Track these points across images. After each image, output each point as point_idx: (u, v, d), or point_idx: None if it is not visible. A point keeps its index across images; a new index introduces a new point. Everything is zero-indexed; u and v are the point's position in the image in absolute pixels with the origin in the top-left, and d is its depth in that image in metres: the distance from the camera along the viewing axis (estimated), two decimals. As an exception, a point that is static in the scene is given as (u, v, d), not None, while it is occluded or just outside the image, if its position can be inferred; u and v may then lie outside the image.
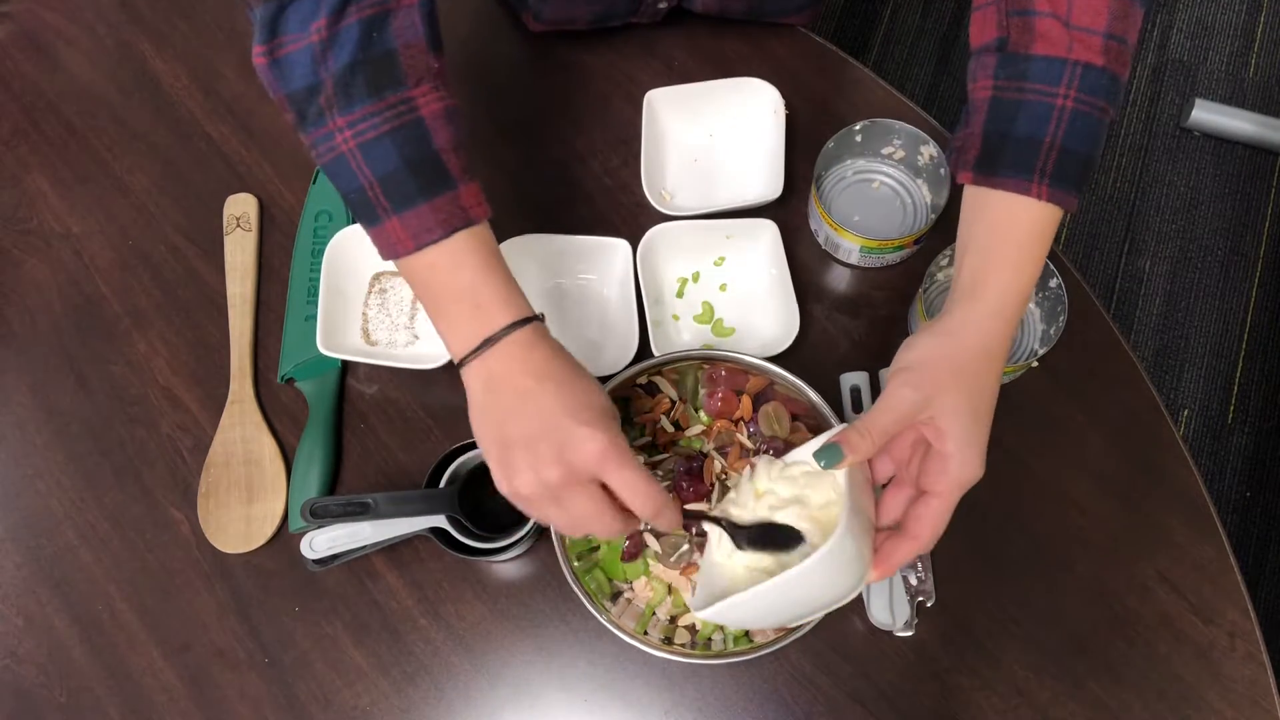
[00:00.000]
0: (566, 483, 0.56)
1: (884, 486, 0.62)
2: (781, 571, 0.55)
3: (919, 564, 0.76)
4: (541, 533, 0.74)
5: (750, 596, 0.55)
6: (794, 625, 0.62)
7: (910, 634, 0.74)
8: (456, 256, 0.61)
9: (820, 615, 0.60)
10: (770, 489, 0.63)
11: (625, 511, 0.59)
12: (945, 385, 0.57)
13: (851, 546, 0.55)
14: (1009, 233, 0.60)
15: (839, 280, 0.87)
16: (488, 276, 0.61)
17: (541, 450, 0.56)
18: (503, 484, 0.59)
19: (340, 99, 0.59)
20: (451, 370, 0.83)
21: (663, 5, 0.92)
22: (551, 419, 0.57)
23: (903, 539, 0.58)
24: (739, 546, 0.61)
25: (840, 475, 0.59)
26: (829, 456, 0.58)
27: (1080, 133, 0.59)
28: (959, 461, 0.56)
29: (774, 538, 0.60)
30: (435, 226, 0.60)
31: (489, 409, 0.60)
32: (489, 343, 0.59)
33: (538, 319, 0.61)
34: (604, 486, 0.58)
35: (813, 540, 0.59)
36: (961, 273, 0.61)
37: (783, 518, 0.61)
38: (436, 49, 0.63)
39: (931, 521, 0.57)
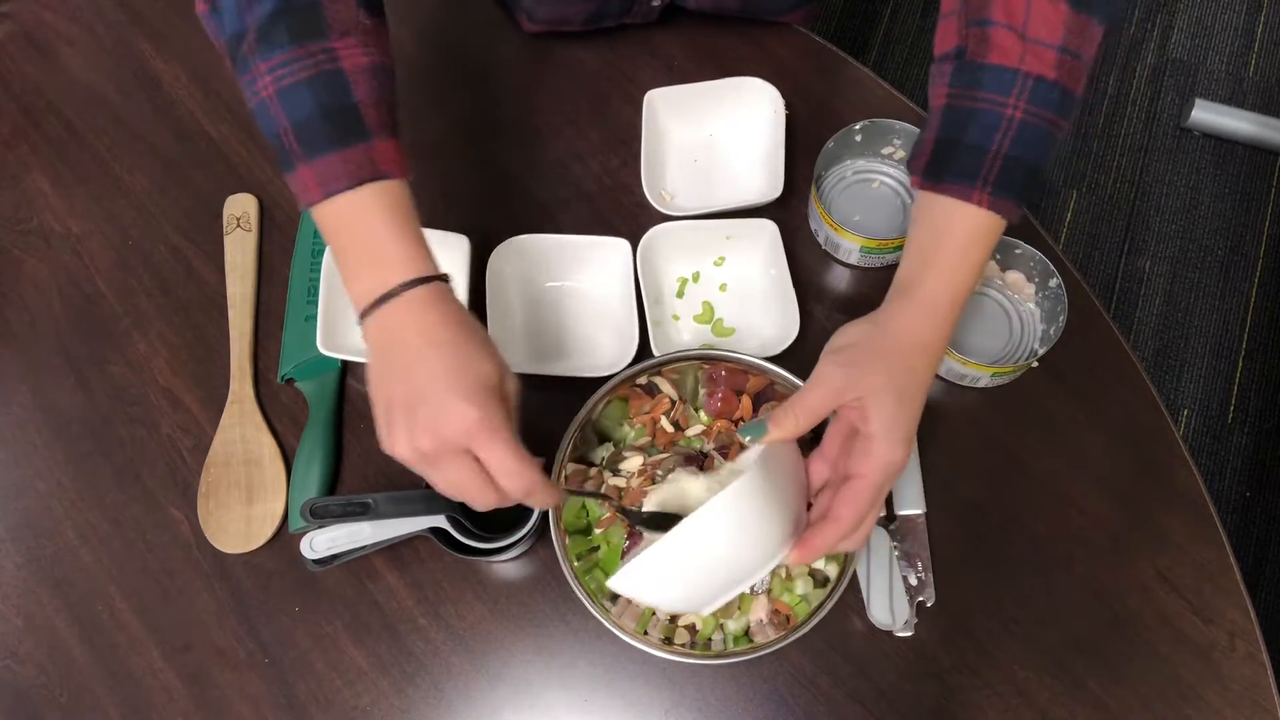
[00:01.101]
0: (440, 452, 0.56)
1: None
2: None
3: (919, 564, 0.76)
4: (542, 533, 0.74)
5: (650, 555, 0.55)
6: (710, 605, 0.59)
7: (910, 634, 0.74)
8: (363, 209, 0.60)
9: (736, 591, 0.58)
10: (693, 483, 0.64)
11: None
12: (871, 367, 0.58)
13: (758, 497, 0.55)
14: (947, 237, 0.61)
15: (839, 280, 0.87)
16: (391, 232, 0.60)
17: (418, 417, 0.56)
18: (383, 443, 0.58)
19: (262, 45, 0.60)
20: (451, 370, 0.83)
21: (655, 3, 0.92)
22: (430, 387, 0.56)
23: (825, 521, 0.58)
24: (632, 527, 0.63)
25: (754, 454, 0.60)
26: (754, 431, 0.59)
27: (1027, 143, 0.60)
28: (882, 442, 0.57)
29: (669, 524, 0.59)
30: (343, 175, 0.60)
31: (378, 366, 0.60)
32: (385, 299, 0.59)
33: (440, 279, 0.61)
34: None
35: None
36: (899, 272, 0.62)
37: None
38: (370, 8, 0.64)
39: (853, 502, 0.57)
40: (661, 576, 0.57)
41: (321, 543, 0.73)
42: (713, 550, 0.56)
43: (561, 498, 0.62)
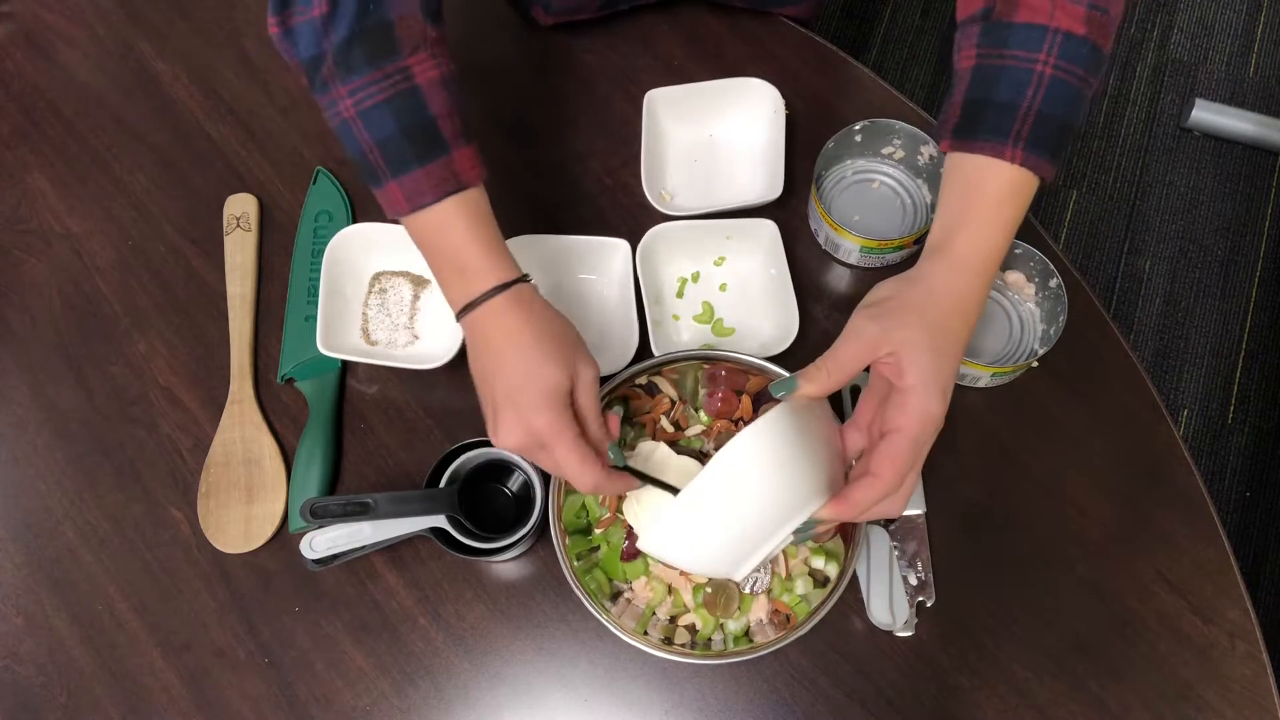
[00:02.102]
0: (526, 448, 0.63)
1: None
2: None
3: (919, 564, 0.76)
4: (542, 533, 0.74)
5: (679, 504, 0.54)
6: (744, 563, 0.58)
7: (910, 634, 0.74)
8: (447, 220, 0.65)
9: (770, 546, 0.57)
10: None
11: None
12: (905, 320, 0.57)
13: (782, 443, 0.54)
14: (980, 194, 0.61)
15: (839, 280, 0.87)
16: (473, 241, 0.65)
17: (502, 420, 0.63)
18: (489, 434, 0.65)
19: (340, 70, 0.64)
20: (451, 370, 0.83)
21: None
22: (508, 394, 0.62)
23: (863, 477, 0.57)
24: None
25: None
26: (785, 386, 0.58)
27: (1058, 99, 0.60)
28: (918, 394, 0.55)
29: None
30: (428, 190, 0.64)
31: (476, 365, 0.66)
32: (471, 306, 0.64)
33: (520, 281, 0.65)
34: None
35: None
36: (932, 233, 0.62)
37: None
38: (433, 19, 0.67)
39: (892, 457, 0.56)
40: (692, 525, 0.56)
41: (321, 543, 0.72)
42: (743, 490, 0.54)
43: (629, 485, 0.65)
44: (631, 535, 0.71)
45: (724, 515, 0.56)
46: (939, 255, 0.60)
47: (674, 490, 0.66)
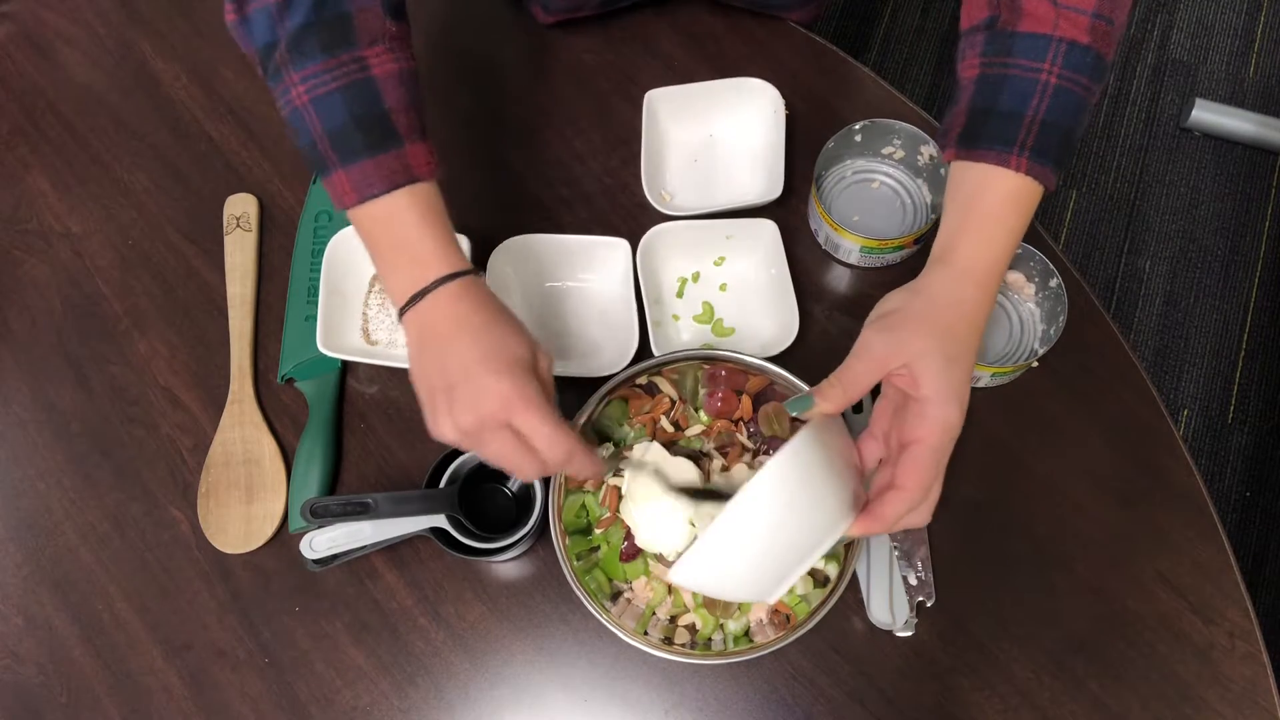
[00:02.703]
0: (481, 427, 0.59)
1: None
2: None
3: (919, 564, 0.76)
4: (542, 533, 0.74)
5: (709, 536, 0.53)
6: (773, 591, 0.58)
7: (910, 634, 0.74)
8: (398, 212, 0.63)
9: (800, 570, 0.56)
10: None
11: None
12: (916, 331, 0.57)
13: (811, 466, 0.53)
14: (984, 203, 0.61)
15: (839, 280, 0.87)
16: (425, 232, 0.63)
17: (457, 397, 0.59)
18: (430, 427, 0.61)
19: (294, 56, 0.63)
20: (451, 370, 0.83)
21: None
22: (466, 369, 0.59)
23: (889, 490, 0.57)
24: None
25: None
26: (799, 405, 0.58)
27: (1063, 108, 0.60)
28: (936, 404, 0.56)
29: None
30: (377, 181, 0.63)
31: (419, 358, 0.63)
32: (421, 295, 0.62)
33: (471, 273, 0.64)
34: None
35: None
36: (936, 242, 0.62)
37: None
38: (395, 15, 0.66)
39: (917, 470, 0.56)
40: (722, 558, 0.55)
41: (321, 543, 0.72)
42: (772, 521, 0.54)
43: (604, 468, 0.63)
44: (630, 535, 0.71)
45: (757, 546, 0.55)
46: (943, 265, 0.60)
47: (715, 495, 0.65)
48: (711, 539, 0.54)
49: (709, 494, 0.71)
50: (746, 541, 0.54)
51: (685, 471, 0.71)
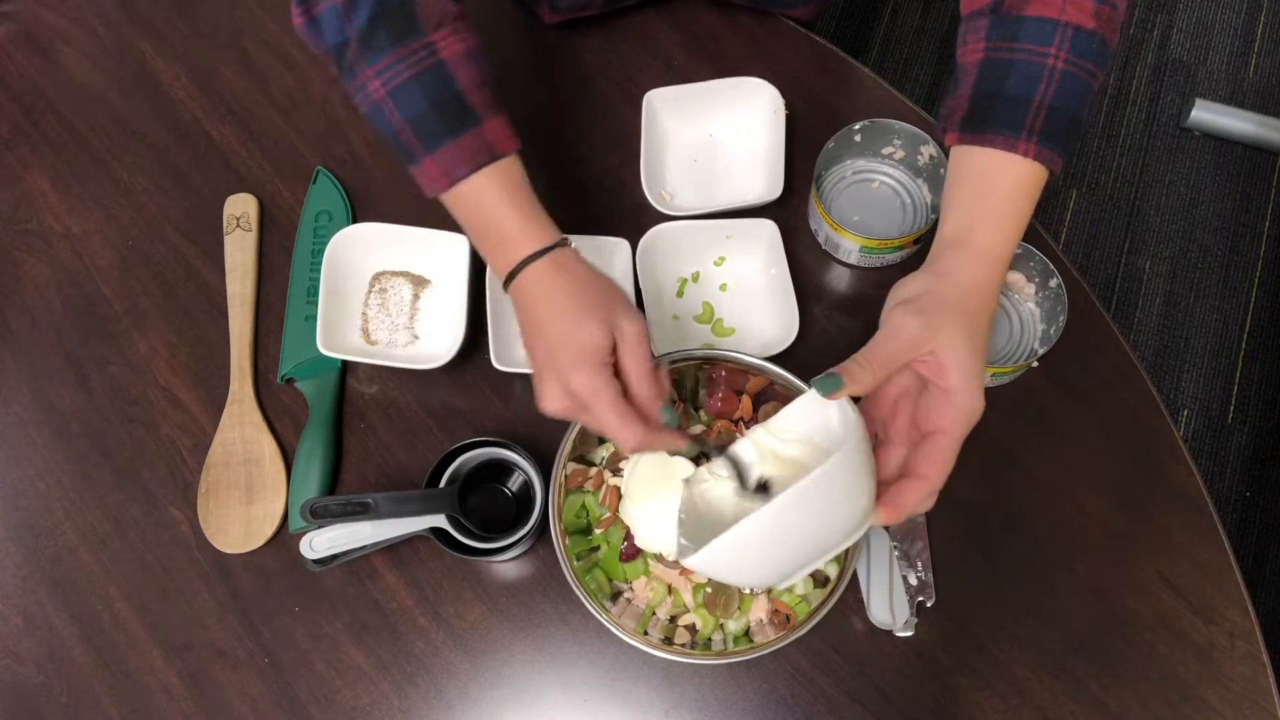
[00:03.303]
0: (567, 414, 0.62)
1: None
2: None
3: (919, 564, 0.76)
4: (542, 533, 0.74)
5: (744, 530, 0.52)
6: (788, 579, 0.58)
7: (910, 634, 0.74)
8: (482, 193, 0.66)
9: (819, 563, 0.56)
10: (772, 452, 0.63)
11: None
12: (945, 318, 0.57)
13: (852, 470, 0.53)
14: (995, 189, 0.61)
15: (839, 280, 0.87)
16: (510, 211, 0.65)
17: (543, 383, 0.63)
18: (537, 401, 0.64)
19: (366, 52, 0.65)
20: (451, 370, 0.83)
21: None
22: (547, 355, 0.62)
23: (910, 479, 0.57)
24: (743, 485, 0.61)
25: (837, 423, 0.58)
26: (827, 385, 0.57)
27: (1069, 93, 0.60)
28: (963, 394, 0.56)
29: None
30: (462, 163, 0.65)
31: (523, 335, 0.67)
32: (513, 275, 0.65)
33: (559, 246, 0.65)
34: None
35: None
36: (945, 228, 0.62)
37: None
38: None
39: (940, 459, 0.56)
40: (751, 551, 0.55)
41: (321, 543, 0.72)
42: (806, 523, 0.54)
43: (676, 442, 0.63)
44: (630, 535, 0.71)
45: (787, 542, 0.55)
46: (961, 250, 0.60)
47: (707, 456, 0.66)
48: (741, 533, 0.53)
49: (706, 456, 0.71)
50: (777, 538, 0.54)
51: (683, 471, 0.71)
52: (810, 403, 0.60)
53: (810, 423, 0.62)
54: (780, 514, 0.52)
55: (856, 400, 0.59)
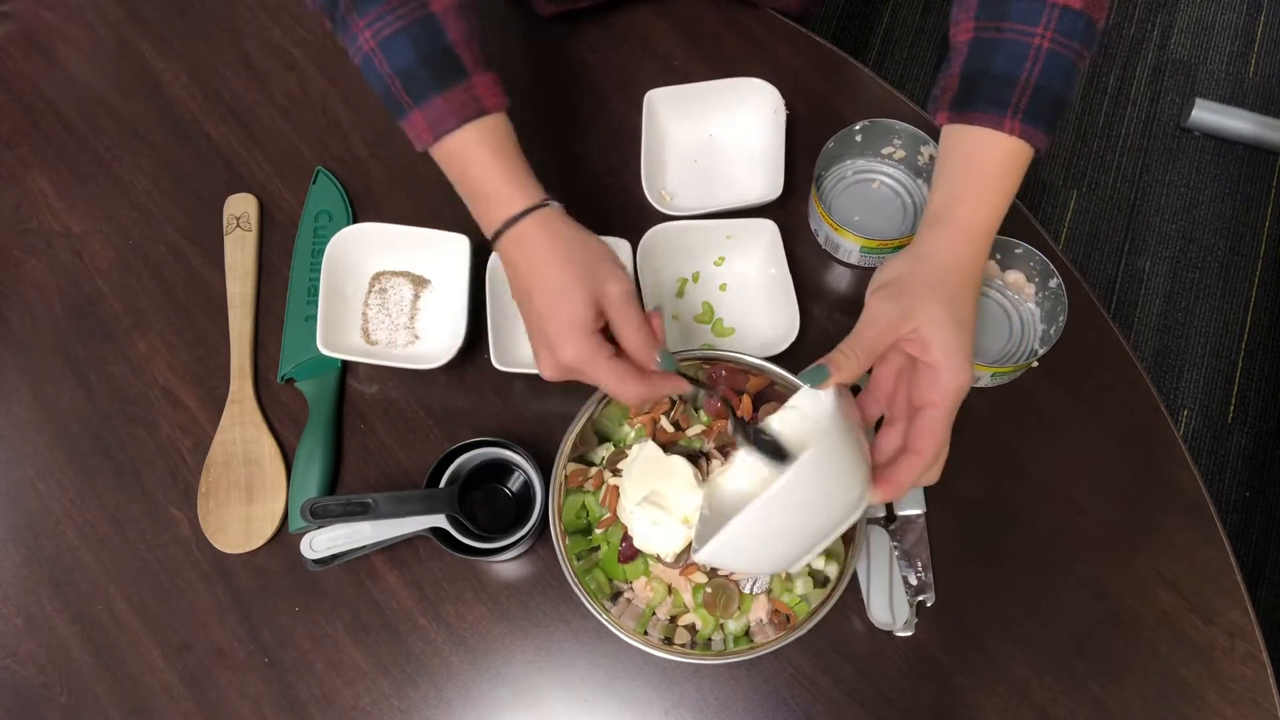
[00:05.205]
0: (564, 374, 0.65)
1: (876, 430, 0.63)
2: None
3: (919, 564, 0.76)
4: (541, 533, 0.74)
5: (747, 518, 0.54)
6: (797, 563, 0.59)
7: (910, 634, 0.74)
8: (470, 147, 0.66)
9: (822, 546, 0.57)
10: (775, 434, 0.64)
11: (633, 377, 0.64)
12: (922, 295, 0.58)
13: (840, 450, 0.54)
14: (978, 165, 0.62)
15: (839, 280, 0.87)
16: (496, 168, 0.66)
17: (538, 353, 0.65)
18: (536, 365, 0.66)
19: (358, 3, 0.65)
20: (451, 370, 0.83)
21: None
22: (537, 327, 0.65)
23: (905, 455, 0.58)
24: (746, 438, 0.62)
25: (827, 404, 0.60)
26: (814, 376, 0.58)
27: (1055, 72, 0.61)
28: (947, 368, 0.57)
29: (778, 450, 0.62)
30: (449, 116, 0.65)
31: (513, 292, 0.68)
32: (499, 234, 0.66)
33: (539, 207, 0.66)
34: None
35: None
36: (930, 207, 0.63)
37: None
38: None
39: (931, 432, 0.57)
40: (756, 537, 0.56)
41: (321, 543, 0.73)
42: (805, 504, 0.55)
43: (679, 385, 0.66)
44: (628, 537, 0.71)
45: (787, 528, 0.56)
46: (942, 226, 0.61)
47: (706, 387, 0.70)
48: (745, 520, 0.54)
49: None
50: (776, 525, 0.55)
51: (677, 470, 0.71)
52: (807, 395, 0.62)
53: (808, 413, 0.63)
54: (770, 504, 0.53)
55: (855, 390, 0.60)
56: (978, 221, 0.61)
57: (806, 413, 0.63)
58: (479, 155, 0.66)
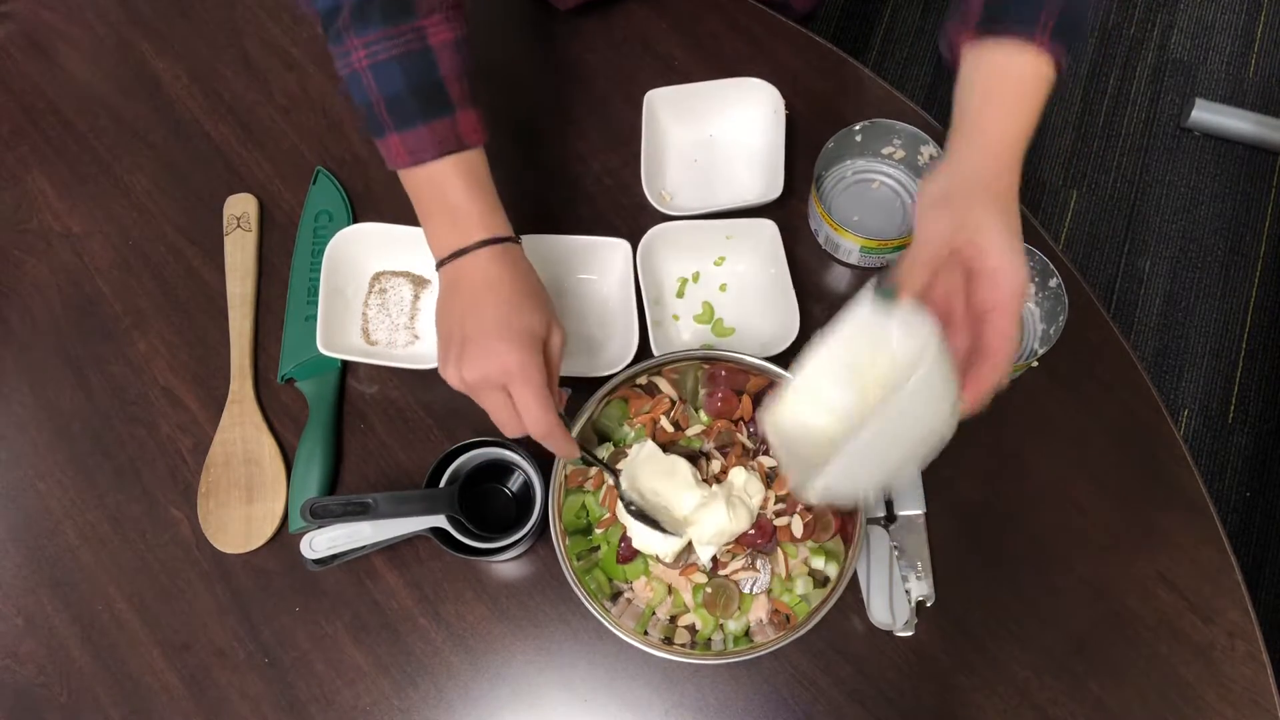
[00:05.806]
0: (481, 384, 0.64)
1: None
2: (862, 423, 0.55)
3: (919, 564, 0.76)
4: (542, 533, 0.74)
5: (866, 439, 0.55)
6: (894, 476, 0.61)
7: (910, 634, 0.74)
8: (447, 177, 0.67)
9: (921, 459, 0.59)
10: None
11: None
12: (971, 204, 0.59)
13: (944, 368, 0.55)
14: (1007, 80, 0.63)
15: (839, 280, 0.87)
16: (472, 198, 0.67)
17: (468, 352, 0.64)
18: (440, 369, 0.66)
19: (356, 23, 0.66)
20: (451, 370, 0.83)
21: None
22: (482, 327, 0.64)
23: (982, 361, 0.59)
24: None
25: (903, 329, 0.59)
26: (887, 293, 0.59)
27: None
28: (1006, 270, 0.57)
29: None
30: (430, 147, 0.66)
31: (445, 304, 0.68)
32: (461, 253, 0.66)
33: (510, 240, 0.68)
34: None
35: (858, 411, 0.60)
36: (960, 119, 0.63)
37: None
38: None
39: (1001, 334, 0.58)
40: (870, 457, 0.57)
41: (321, 543, 0.73)
42: (913, 422, 0.56)
43: (575, 452, 0.67)
44: (626, 537, 0.71)
45: (892, 445, 0.57)
46: (972, 139, 0.62)
47: (609, 469, 0.71)
48: (864, 443, 0.55)
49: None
50: (887, 442, 0.57)
51: (674, 469, 0.71)
52: (868, 316, 0.61)
53: (873, 333, 0.63)
54: (887, 421, 0.55)
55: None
56: (1008, 132, 0.62)
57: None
58: (456, 185, 0.67)
